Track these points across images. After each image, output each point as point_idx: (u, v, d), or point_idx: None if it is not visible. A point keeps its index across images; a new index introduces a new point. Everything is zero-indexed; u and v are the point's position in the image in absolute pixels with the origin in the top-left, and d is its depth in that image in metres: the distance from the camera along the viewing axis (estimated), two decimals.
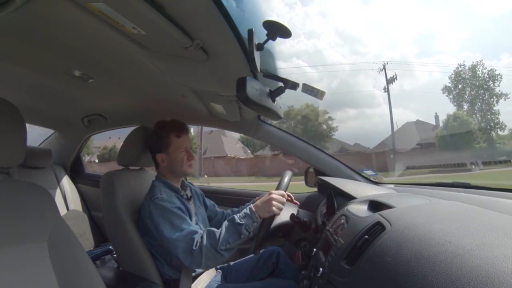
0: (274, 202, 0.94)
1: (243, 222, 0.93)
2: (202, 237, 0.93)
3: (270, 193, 0.97)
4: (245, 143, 20.08)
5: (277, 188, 1.04)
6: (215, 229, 0.95)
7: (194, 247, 0.92)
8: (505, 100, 15.77)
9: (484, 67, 16.40)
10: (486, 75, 16.29)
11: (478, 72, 16.47)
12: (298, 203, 1.16)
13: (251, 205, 0.97)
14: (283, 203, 0.96)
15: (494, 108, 16.02)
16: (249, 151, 20.24)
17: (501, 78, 15.98)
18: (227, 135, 18.97)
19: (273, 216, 0.96)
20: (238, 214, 0.96)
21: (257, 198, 1.27)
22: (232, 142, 19.50)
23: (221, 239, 0.91)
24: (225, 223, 0.95)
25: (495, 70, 16.20)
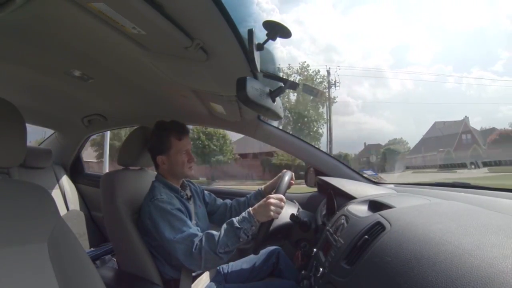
0: (272, 207, 0.93)
1: (242, 226, 0.92)
2: (201, 240, 0.93)
3: (268, 198, 0.96)
4: None
5: (276, 191, 1.03)
6: (214, 232, 0.95)
7: (193, 250, 0.92)
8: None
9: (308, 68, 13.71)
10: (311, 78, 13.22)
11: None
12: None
13: (250, 208, 0.97)
14: (281, 207, 0.96)
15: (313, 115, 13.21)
16: None
17: (338, 83, 13.04)
18: None
19: (272, 220, 0.96)
20: (236, 218, 0.95)
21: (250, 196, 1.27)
22: None
23: (220, 243, 0.91)
24: (224, 226, 0.95)
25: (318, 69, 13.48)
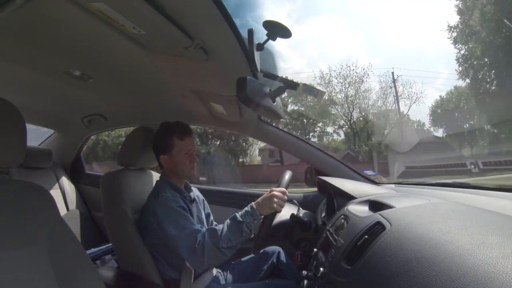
0: (275, 199, 0.94)
1: (244, 220, 0.93)
2: (204, 236, 0.94)
3: (272, 190, 0.97)
4: None
5: (278, 185, 1.03)
6: (217, 228, 0.95)
7: (196, 246, 0.92)
8: None
9: None
10: None
11: None
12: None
13: (252, 203, 0.97)
14: (284, 200, 0.97)
15: None
16: None
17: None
18: None
19: (274, 213, 0.96)
20: (239, 212, 0.96)
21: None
22: None
23: (222, 237, 0.92)
24: (227, 221, 0.96)
25: None
